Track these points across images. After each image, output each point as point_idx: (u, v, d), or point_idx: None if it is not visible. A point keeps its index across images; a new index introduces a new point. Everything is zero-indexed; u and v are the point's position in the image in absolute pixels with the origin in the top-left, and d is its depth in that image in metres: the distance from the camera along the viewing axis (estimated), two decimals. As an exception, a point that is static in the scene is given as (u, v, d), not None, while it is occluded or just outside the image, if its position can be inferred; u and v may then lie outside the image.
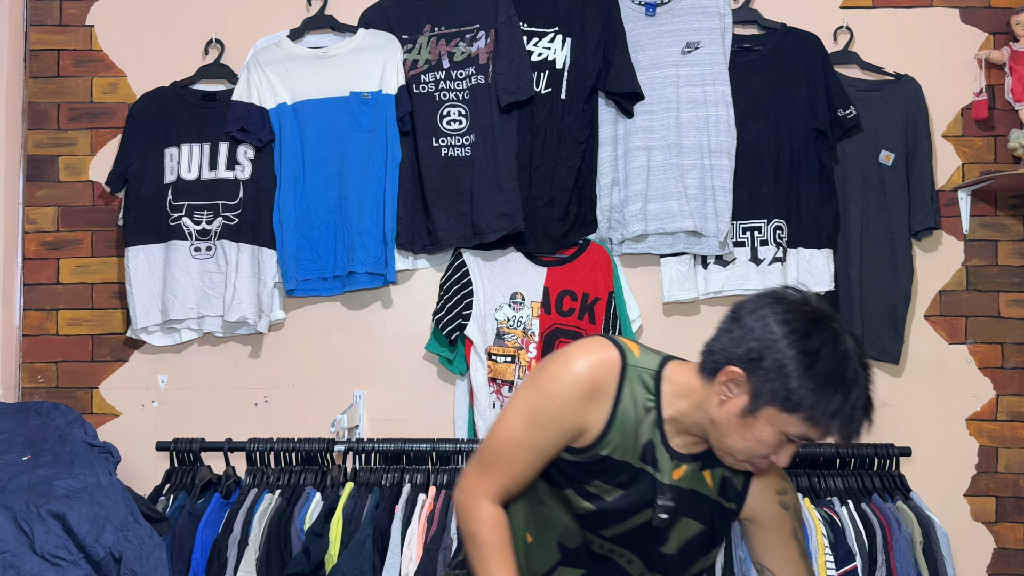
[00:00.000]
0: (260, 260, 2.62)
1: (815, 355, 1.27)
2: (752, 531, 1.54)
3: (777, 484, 1.52)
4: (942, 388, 2.69)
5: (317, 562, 2.07)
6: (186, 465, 2.37)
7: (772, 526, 1.52)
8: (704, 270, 2.64)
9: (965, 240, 2.72)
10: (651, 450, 1.42)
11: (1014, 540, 2.67)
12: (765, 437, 1.33)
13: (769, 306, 1.33)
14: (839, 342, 1.29)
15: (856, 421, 1.29)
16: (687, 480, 1.44)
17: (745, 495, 1.50)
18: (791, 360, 1.28)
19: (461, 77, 2.62)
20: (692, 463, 1.44)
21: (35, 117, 2.78)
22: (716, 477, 1.47)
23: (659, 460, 1.43)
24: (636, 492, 1.43)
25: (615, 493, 1.43)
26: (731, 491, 1.49)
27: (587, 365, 1.41)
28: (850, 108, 2.60)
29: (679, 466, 1.44)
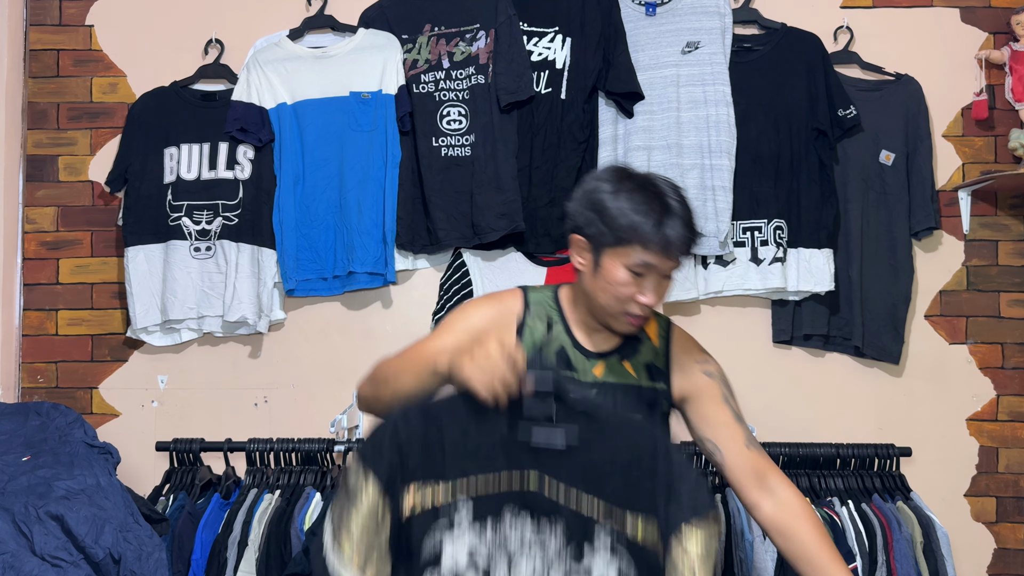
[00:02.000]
0: (260, 260, 2.62)
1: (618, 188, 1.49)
2: (688, 409, 1.62)
3: (696, 355, 1.64)
4: (942, 388, 2.69)
5: (317, 562, 2.06)
6: (186, 465, 2.37)
7: (702, 396, 1.61)
8: (704, 270, 2.64)
9: (965, 240, 2.72)
10: (564, 356, 1.59)
11: (1014, 540, 2.67)
12: (616, 278, 1.49)
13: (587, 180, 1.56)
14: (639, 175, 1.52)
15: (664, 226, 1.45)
16: (610, 374, 1.58)
17: (669, 371, 1.61)
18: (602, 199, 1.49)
19: (461, 77, 2.62)
20: (609, 358, 1.59)
21: (35, 117, 2.78)
22: (638, 366, 1.60)
23: (574, 363, 1.58)
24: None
25: None
26: (656, 373, 1.61)
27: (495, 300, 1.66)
28: (850, 108, 2.60)
29: (596, 363, 1.59)
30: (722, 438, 1.58)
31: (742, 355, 2.68)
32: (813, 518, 1.53)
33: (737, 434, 1.58)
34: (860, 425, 2.64)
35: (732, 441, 1.58)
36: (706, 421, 1.60)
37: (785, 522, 1.53)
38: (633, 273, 1.48)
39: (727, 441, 1.58)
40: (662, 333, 1.65)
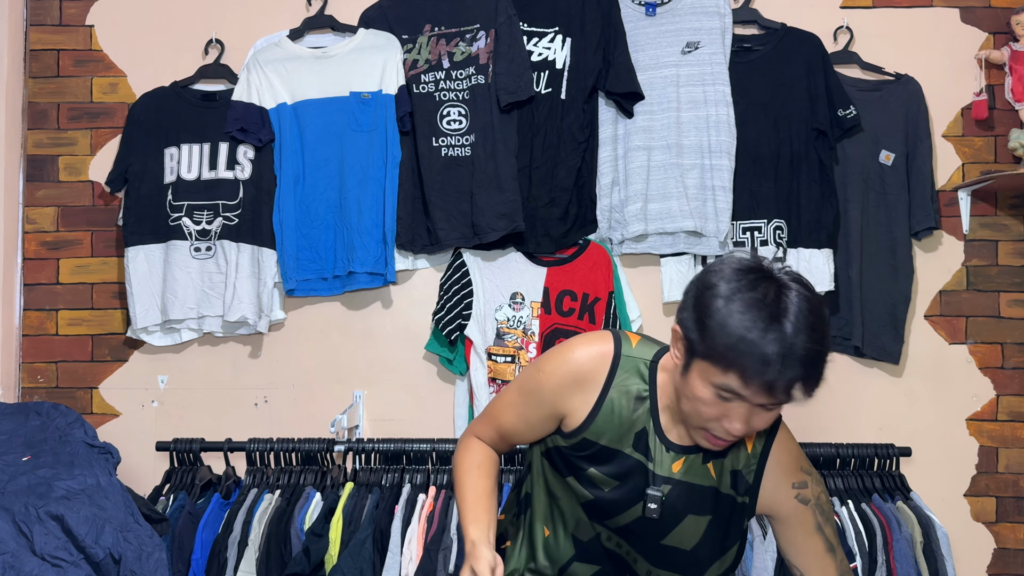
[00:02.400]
0: (260, 260, 2.62)
1: (733, 295, 1.22)
2: (775, 528, 1.49)
3: (795, 477, 1.46)
4: (942, 388, 2.69)
5: (317, 562, 2.07)
6: (186, 465, 2.37)
7: (792, 521, 1.46)
8: (704, 270, 2.64)
9: (965, 240, 2.72)
10: (644, 439, 1.41)
11: (1014, 540, 2.67)
12: (700, 393, 1.27)
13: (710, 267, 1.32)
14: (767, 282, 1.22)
15: (772, 364, 1.18)
16: (687, 473, 1.42)
17: (758, 488, 1.45)
18: (710, 303, 1.23)
19: (461, 77, 2.62)
20: (692, 455, 1.42)
21: (35, 117, 2.78)
22: (722, 469, 1.43)
23: (653, 450, 1.41)
24: (631, 482, 1.42)
25: (611, 484, 1.43)
26: (742, 485, 1.44)
27: (581, 352, 1.45)
28: (850, 108, 2.60)
29: (678, 458, 1.42)
30: (810, 570, 1.47)
31: (742, 355, 2.68)
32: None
33: (828, 568, 1.46)
34: (860, 425, 2.64)
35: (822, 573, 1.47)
36: (794, 547, 1.48)
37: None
38: (720, 397, 1.26)
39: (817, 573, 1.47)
40: (761, 439, 1.46)
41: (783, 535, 1.49)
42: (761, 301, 1.21)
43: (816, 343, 1.20)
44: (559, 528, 1.52)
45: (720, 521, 1.44)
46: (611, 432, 1.42)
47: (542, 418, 1.47)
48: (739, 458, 1.44)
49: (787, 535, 1.48)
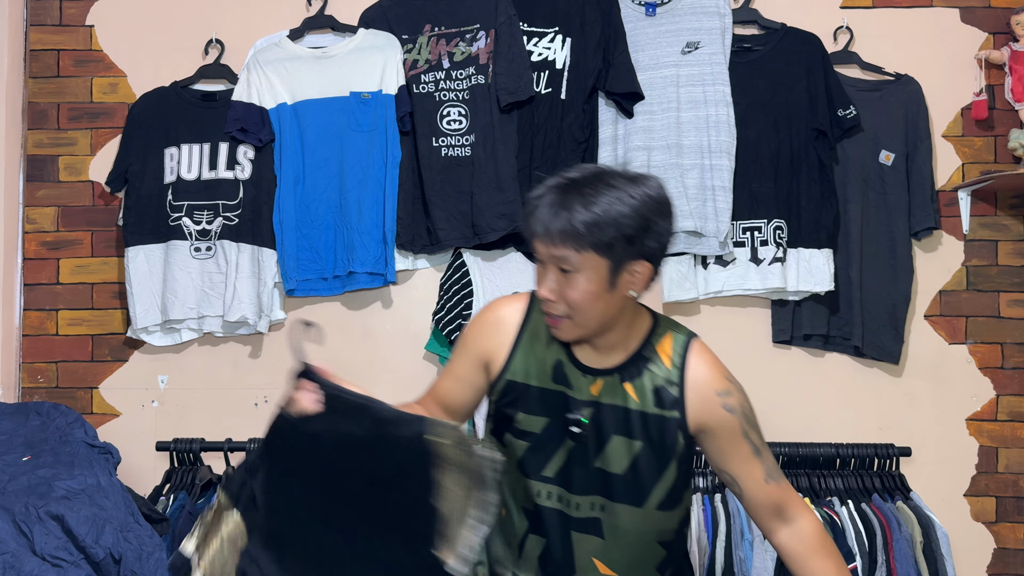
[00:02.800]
0: (260, 260, 2.62)
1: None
2: (704, 440, 1.52)
3: (719, 385, 1.50)
4: (942, 388, 2.69)
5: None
6: (186, 465, 2.37)
7: (720, 431, 1.49)
8: (704, 270, 2.64)
9: (965, 240, 2.72)
10: (561, 369, 1.50)
11: (1014, 540, 2.67)
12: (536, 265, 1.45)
13: None
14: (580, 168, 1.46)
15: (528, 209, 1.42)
16: (606, 394, 1.48)
17: (684, 401, 1.48)
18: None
19: (461, 77, 2.62)
20: (607, 376, 1.49)
21: (35, 117, 2.78)
22: (642, 388, 1.48)
23: (570, 377, 1.49)
24: (557, 415, 1.49)
25: (540, 422, 1.50)
26: (667, 399, 1.48)
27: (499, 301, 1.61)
28: (850, 108, 2.60)
29: (595, 381, 1.49)
30: (740, 474, 1.51)
31: (742, 355, 2.68)
32: (829, 553, 1.50)
33: (756, 470, 1.51)
34: (860, 425, 2.64)
35: (750, 477, 1.51)
36: (724, 456, 1.51)
37: (800, 553, 1.50)
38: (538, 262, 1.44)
39: (745, 477, 1.51)
40: (677, 352, 1.51)
41: (712, 446, 1.52)
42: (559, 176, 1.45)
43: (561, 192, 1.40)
44: (511, 503, 1.55)
45: (652, 445, 1.47)
46: (531, 369, 1.51)
47: (467, 368, 1.57)
48: (658, 375, 1.49)
49: (716, 445, 1.51)
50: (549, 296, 1.41)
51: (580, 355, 1.50)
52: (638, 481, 1.47)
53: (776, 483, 1.52)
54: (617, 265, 1.38)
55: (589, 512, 1.49)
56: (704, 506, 2.15)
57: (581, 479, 1.49)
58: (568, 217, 1.36)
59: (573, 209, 1.36)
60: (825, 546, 1.50)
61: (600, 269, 1.38)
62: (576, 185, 1.40)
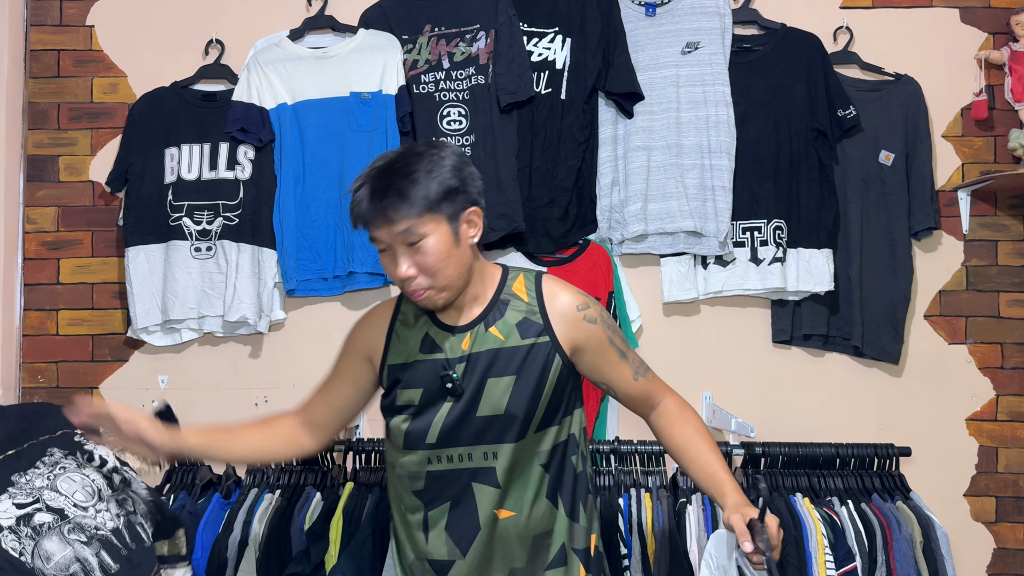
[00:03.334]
0: (260, 260, 2.63)
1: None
2: (579, 359, 1.62)
3: (575, 300, 1.61)
4: (942, 388, 2.69)
5: (317, 562, 2.07)
6: (186, 465, 2.37)
7: (590, 344, 1.60)
8: (704, 270, 2.65)
9: (965, 240, 2.72)
10: (430, 339, 1.60)
11: (1014, 540, 2.67)
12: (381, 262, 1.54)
13: None
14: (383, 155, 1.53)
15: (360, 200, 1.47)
16: (476, 344, 1.58)
17: (549, 323, 1.59)
18: None
19: (461, 77, 2.62)
20: (474, 327, 1.59)
21: (35, 117, 2.78)
22: (506, 326, 1.58)
23: (439, 342, 1.59)
24: (432, 381, 1.58)
25: (416, 393, 1.59)
26: (533, 328, 1.59)
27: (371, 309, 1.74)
28: (850, 108, 2.60)
29: (463, 336, 1.59)
30: (613, 378, 1.64)
31: (742, 355, 2.69)
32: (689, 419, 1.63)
33: (625, 371, 1.64)
34: (860, 425, 2.64)
35: (621, 379, 1.64)
36: (597, 367, 1.63)
37: (663, 425, 1.65)
38: (383, 253, 1.52)
39: (617, 380, 1.64)
40: (531, 287, 1.63)
41: (585, 361, 1.62)
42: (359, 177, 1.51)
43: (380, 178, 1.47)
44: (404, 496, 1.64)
45: (526, 375, 1.56)
46: (404, 349, 1.62)
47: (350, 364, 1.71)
48: (520, 310, 1.60)
49: (588, 359, 1.62)
50: (408, 273, 1.48)
51: (445, 319, 1.60)
52: (517, 414, 1.55)
53: (644, 378, 1.66)
54: (454, 217, 1.50)
55: (483, 462, 1.57)
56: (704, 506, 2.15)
57: (467, 431, 1.57)
58: (396, 193, 1.45)
59: (396, 185, 1.45)
60: (684, 415, 1.64)
61: (442, 226, 1.48)
62: (387, 168, 1.49)
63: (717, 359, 2.69)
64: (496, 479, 1.56)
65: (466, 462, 1.57)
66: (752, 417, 2.50)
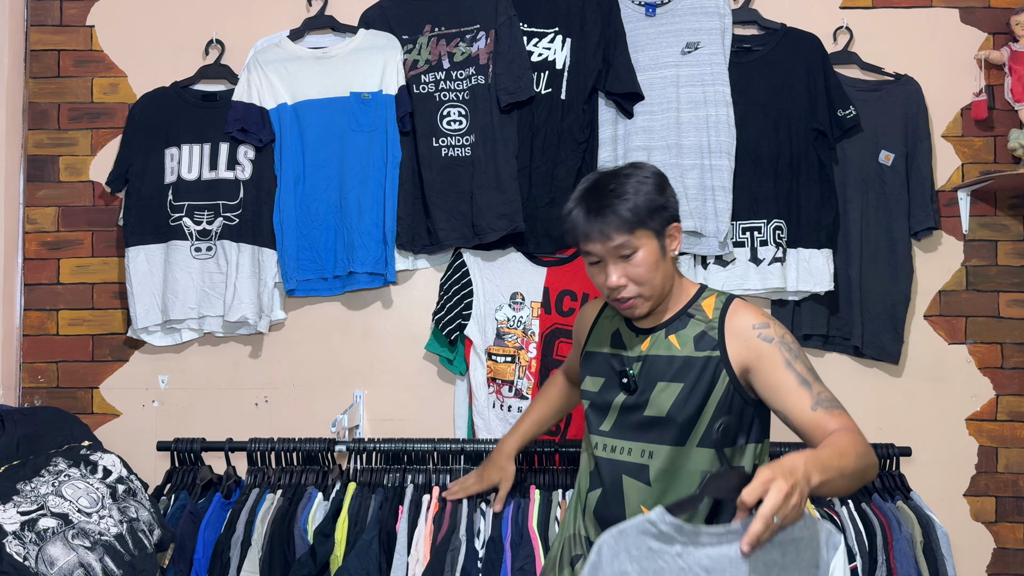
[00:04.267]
0: (260, 260, 2.63)
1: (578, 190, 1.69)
2: (753, 380, 1.60)
3: (756, 320, 1.64)
4: (942, 388, 2.69)
5: (323, 563, 2.07)
6: (187, 465, 2.37)
7: (763, 363, 1.58)
8: (704, 270, 2.65)
9: (965, 240, 2.72)
10: (618, 336, 1.76)
11: (1014, 540, 2.68)
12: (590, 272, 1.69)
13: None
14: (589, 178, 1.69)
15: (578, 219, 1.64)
16: (653, 347, 1.69)
17: (723, 340, 1.63)
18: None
19: (461, 77, 2.62)
20: (655, 332, 1.71)
21: (35, 117, 2.78)
22: (684, 337, 1.67)
23: (626, 341, 1.74)
24: (611, 374, 1.73)
25: (599, 382, 1.75)
26: (707, 342, 1.65)
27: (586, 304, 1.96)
28: (850, 108, 2.60)
29: (644, 339, 1.72)
30: (787, 404, 1.55)
31: (742, 355, 2.69)
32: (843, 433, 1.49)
33: (803, 399, 1.54)
34: (860, 425, 2.62)
35: (796, 407, 1.54)
36: (770, 389, 1.57)
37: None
38: (593, 264, 1.67)
39: (791, 407, 1.55)
40: (719, 305, 1.69)
41: (760, 382, 1.59)
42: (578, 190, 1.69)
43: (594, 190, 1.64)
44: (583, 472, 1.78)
45: (692, 385, 1.62)
46: (599, 341, 1.80)
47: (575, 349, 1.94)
48: (700, 324, 1.67)
49: (762, 380, 1.58)
50: (619, 283, 1.62)
51: (638, 322, 1.74)
52: (679, 420, 1.61)
53: (825, 411, 1.54)
54: (660, 233, 1.63)
55: (639, 459, 1.65)
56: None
57: (632, 427, 1.67)
58: (612, 212, 1.59)
59: (611, 205, 1.60)
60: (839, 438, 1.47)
61: (651, 241, 1.62)
62: (598, 187, 1.64)
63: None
64: (648, 477, 1.64)
65: (625, 455, 1.67)
66: (752, 417, 2.50)
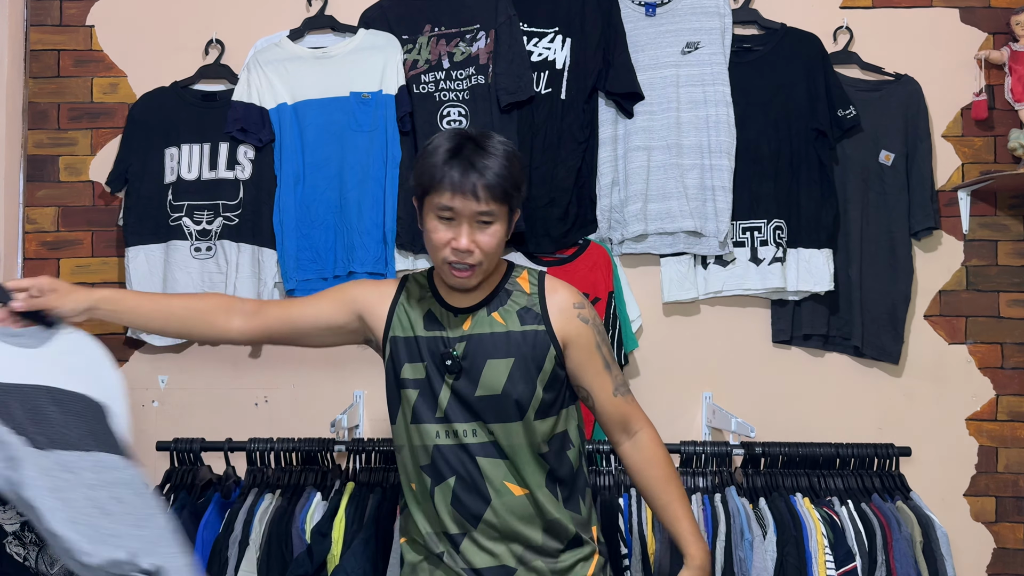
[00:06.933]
0: (260, 260, 2.63)
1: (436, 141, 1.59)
2: (569, 356, 1.67)
3: (574, 299, 1.68)
4: (942, 388, 2.69)
5: (320, 562, 2.07)
6: (186, 465, 2.36)
7: (578, 342, 1.66)
8: (704, 270, 2.65)
9: (965, 240, 2.72)
10: (432, 316, 1.68)
11: (1014, 540, 2.68)
12: (431, 225, 1.59)
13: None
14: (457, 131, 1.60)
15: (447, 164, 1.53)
16: (476, 326, 1.65)
17: (547, 314, 1.65)
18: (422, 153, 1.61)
19: (461, 77, 2.62)
20: (476, 311, 1.66)
21: (35, 117, 2.78)
22: (507, 313, 1.66)
23: (443, 321, 1.67)
24: (435, 356, 1.64)
25: (421, 368, 1.65)
26: (531, 317, 1.65)
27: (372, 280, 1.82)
28: (850, 108, 2.60)
29: (465, 318, 1.66)
30: (593, 386, 1.68)
31: (742, 355, 2.69)
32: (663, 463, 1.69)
33: (606, 383, 1.68)
34: (860, 425, 2.64)
35: (602, 390, 1.68)
36: (580, 369, 1.67)
37: (637, 462, 1.70)
38: (441, 219, 1.57)
39: (598, 390, 1.68)
40: (534, 281, 1.70)
41: (571, 359, 1.67)
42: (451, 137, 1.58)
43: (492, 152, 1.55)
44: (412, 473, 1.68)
45: (523, 359, 1.62)
46: (407, 323, 1.68)
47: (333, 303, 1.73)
48: (521, 299, 1.67)
49: (574, 357, 1.66)
50: (469, 247, 1.55)
51: (449, 300, 1.67)
52: (515, 395, 1.61)
53: (623, 398, 1.70)
54: (512, 211, 1.61)
55: (485, 437, 1.62)
56: (704, 506, 2.15)
57: (467, 409, 1.62)
58: (493, 175, 1.53)
59: (492, 168, 1.53)
60: (658, 455, 1.69)
61: (505, 216, 1.58)
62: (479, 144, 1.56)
63: (717, 359, 2.69)
64: (503, 452, 1.63)
65: (472, 437, 1.63)
66: (752, 417, 2.50)
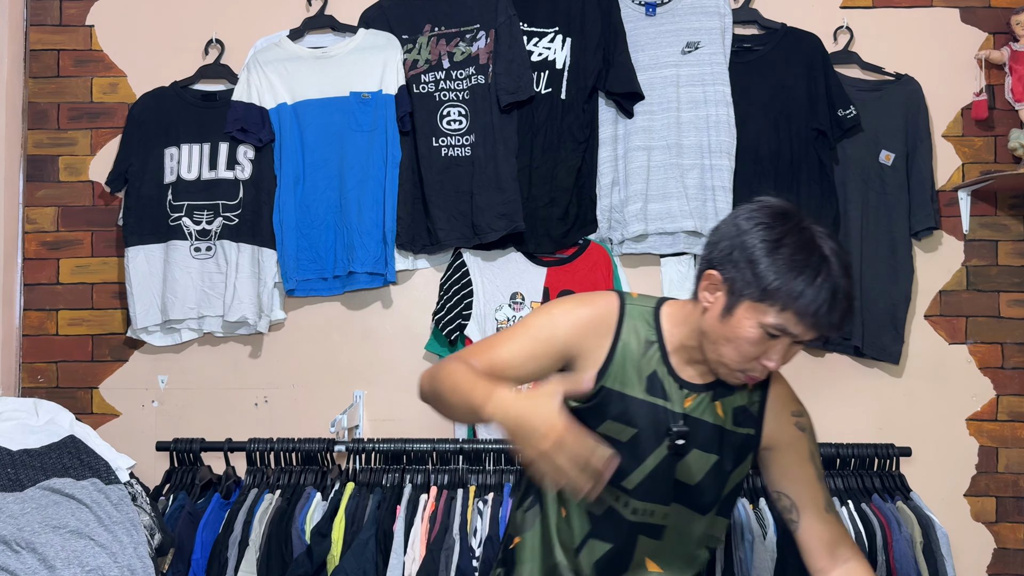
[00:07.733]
0: (260, 260, 2.62)
1: (779, 241, 1.33)
2: (770, 458, 1.54)
3: (792, 407, 1.55)
4: (942, 388, 2.69)
5: (320, 563, 2.07)
6: (186, 465, 2.37)
7: (789, 449, 1.52)
8: (704, 270, 2.64)
9: (965, 240, 2.72)
10: (658, 382, 1.46)
11: (1014, 540, 2.67)
12: (747, 334, 1.35)
13: (739, 209, 1.42)
14: (804, 230, 1.35)
15: (823, 302, 1.32)
16: (697, 410, 1.47)
17: (762, 420, 1.51)
18: (757, 248, 1.33)
19: (461, 77, 2.62)
20: (702, 393, 1.48)
21: (35, 117, 2.78)
22: (728, 407, 1.49)
23: (667, 391, 1.46)
24: (648, 426, 1.45)
25: (629, 432, 1.45)
26: (746, 419, 1.50)
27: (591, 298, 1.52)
28: (850, 108, 2.60)
29: (689, 396, 1.47)
30: (803, 497, 1.52)
31: (742, 355, 2.68)
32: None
33: (818, 496, 1.52)
34: (860, 425, 2.64)
35: (812, 503, 1.52)
36: (788, 475, 1.53)
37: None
38: (767, 335, 1.35)
39: (807, 502, 1.52)
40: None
41: (778, 464, 1.53)
42: (807, 246, 1.33)
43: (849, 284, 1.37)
44: (572, 505, 1.51)
45: (725, 460, 1.49)
46: (627, 378, 1.46)
47: (548, 355, 1.46)
48: (742, 395, 1.50)
49: (783, 463, 1.53)
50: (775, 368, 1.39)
51: (679, 369, 1.48)
52: (709, 492, 1.50)
53: (834, 515, 1.53)
54: None
55: (660, 520, 1.50)
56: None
57: (658, 489, 1.48)
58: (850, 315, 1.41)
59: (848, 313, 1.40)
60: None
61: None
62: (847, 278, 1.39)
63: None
64: (662, 534, 1.51)
65: (647, 517, 1.50)
66: (752, 417, 2.50)
